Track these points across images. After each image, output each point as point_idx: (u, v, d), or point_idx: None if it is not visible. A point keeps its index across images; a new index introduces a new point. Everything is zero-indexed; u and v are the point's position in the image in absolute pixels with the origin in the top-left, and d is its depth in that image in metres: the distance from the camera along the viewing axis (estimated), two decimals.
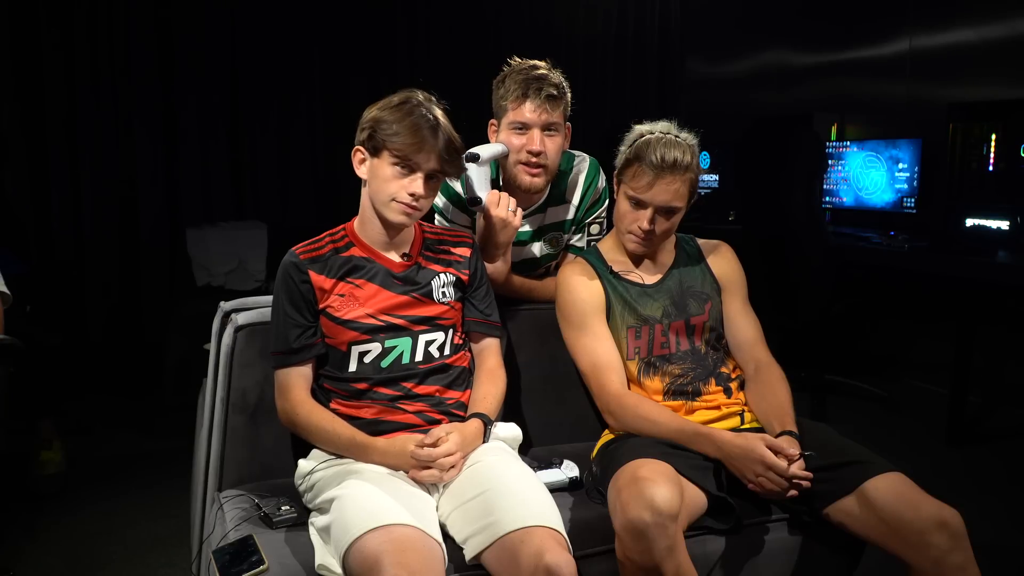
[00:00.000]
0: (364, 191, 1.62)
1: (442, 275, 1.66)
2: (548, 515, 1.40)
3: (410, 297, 1.62)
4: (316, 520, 1.47)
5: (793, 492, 1.52)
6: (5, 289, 1.90)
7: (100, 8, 3.83)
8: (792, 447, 1.54)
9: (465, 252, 1.71)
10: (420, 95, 1.58)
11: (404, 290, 1.62)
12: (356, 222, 1.66)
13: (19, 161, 3.75)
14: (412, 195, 1.53)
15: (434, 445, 1.47)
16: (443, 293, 1.65)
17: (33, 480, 2.73)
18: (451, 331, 1.65)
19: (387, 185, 1.54)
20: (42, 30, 3.73)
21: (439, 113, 1.57)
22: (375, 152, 1.55)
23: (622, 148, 1.74)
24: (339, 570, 1.34)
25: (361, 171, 1.60)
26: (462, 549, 1.42)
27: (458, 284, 1.68)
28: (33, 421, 2.83)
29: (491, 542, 1.36)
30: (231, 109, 4.22)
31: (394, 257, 1.64)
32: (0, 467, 2.73)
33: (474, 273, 1.71)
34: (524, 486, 1.46)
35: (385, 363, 1.59)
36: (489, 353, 1.72)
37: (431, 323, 1.63)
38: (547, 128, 1.84)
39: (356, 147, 1.59)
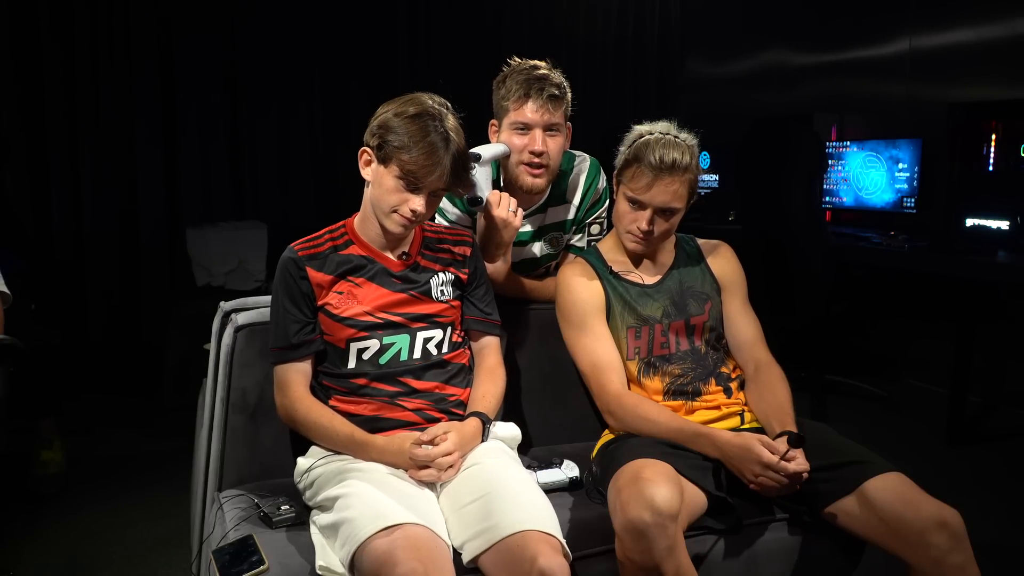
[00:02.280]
0: (367, 191, 1.61)
1: (441, 274, 1.66)
2: (543, 518, 1.39)
3: (408, 295, 1.62)
4: (318, 518, 1.47)
5: (796, 487, 1.52)
6: (5, 289, 1.90)
7: (100, 8, 3.83)
8: (786, 446, 1.53)
9: (465, 251, 1.71)
10: (435, 105, 1.54)
11: (402, 288, 1.62)
12: (357, 220, 1.66)
13: (19, 161, 3.76)
14: (413, 211, 1.53)
15: (432, 443, 1.47)
16: (442, 291, 1.65)
17: (34, 480, 2.73)
18: (450, 329, 1.66)
19: (390, 196, 1.53)
20: (42, 30, 3.74)
21: (452, 128, 1.53)
22: (383, 160, 1.53)
23: (621, 148, 1.74)
24: (341, 570, 1.34)
25: (366, 172, 1.59)
26: (459, 552, 1.42)
27: (457, 283, 1.68)
28: (34, 421, 2.82)
29: (488, 546, 1.36)
30: (231, 109, 4.22)
31: (393, 256, 1.64)
32: (0, 467, 2.73)
33: (473, 272, 1.71)
34: (520, 489, 1.46)
35: (384, 360, 1.59)
36: (489, 352, 1.72)
37: (429, 320, 1.63)
38: (549, 128, 1.84)
39: (364, 148, 1.58)
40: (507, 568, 1.33)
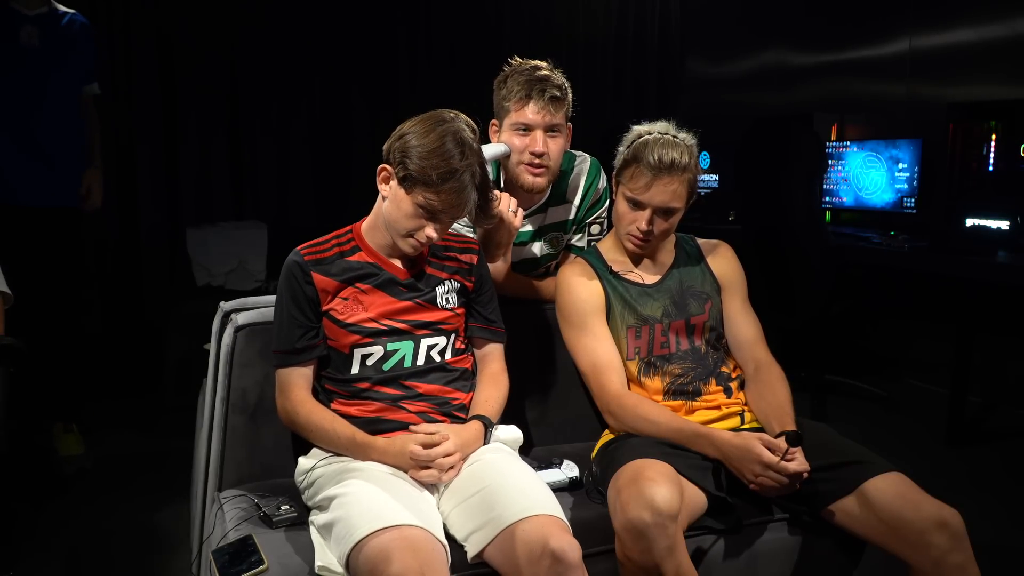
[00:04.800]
0: (381, 203, 1.59)
1: (447, 282, 1.66)
2: (549, 504, 1.41)
3: (413, 302, 1.61)
4: (316, 518, 1.47)
5: (796, 486, 1.52)
6: (6, 289, 1.89)
7: (100, 8, 3.83)
8: (785, 445, 1.53)
9: (471, 259, 1.70)
10: (461, 130, 1.50)
11: (408, 296, 1.61)
12: (365, 226, 1.65)
13: None
14: (429, 237, 1.53)
15: (430, 441, 1.47)
16: (446, 299, 1.65)
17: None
18: (453, 336, 1.66)
19: (407, 221, 1.52)
20: None
21: (479, 160, 1.51)
22: (405, 187, 1.50)
23: (620, 149, 1.74)
24: (340, 569, 1.34)
25: (383, 189, 1.57)
26: (462, 548, 1.42)
27: (462, 291, 1.68)
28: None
29: (494, 535, 1.37)
30: (231, 109, 4.22)
31: (399, 264, 1.63)
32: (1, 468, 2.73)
33: (479, 280, 1.71)
34: (523, 479, 1.47)
35: (387, 366, 1.59)
36: (492, 358, 1.72)
37: (433, 327, 1.62)
38: (550, 129, 1.84)
39: (384, 166, 1.55)
40: (516, 555, 1.33)
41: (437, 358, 1.63)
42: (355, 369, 1.59)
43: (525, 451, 1.81)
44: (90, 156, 2.94)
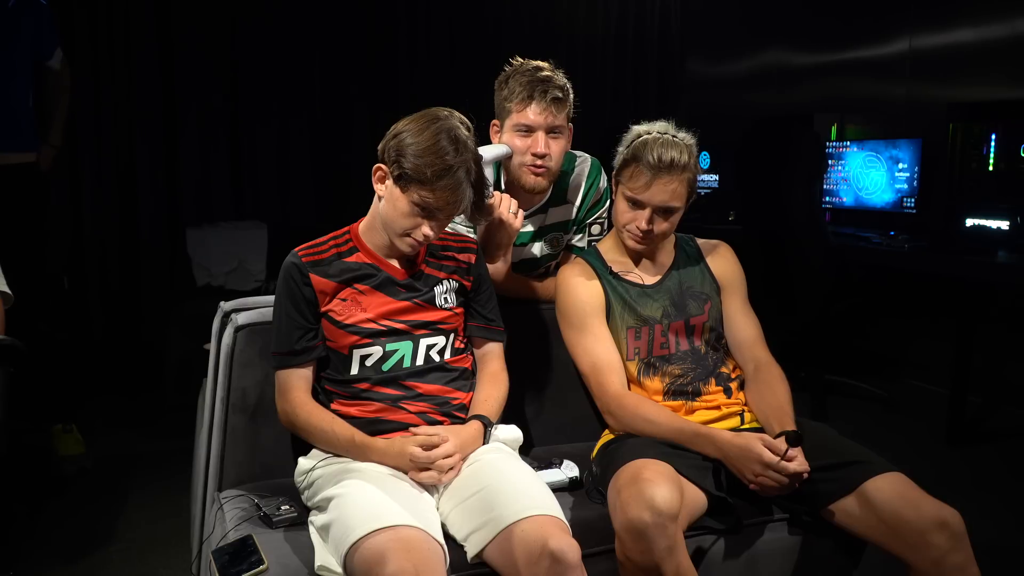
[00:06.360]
0: (377, 203, 1.59)
1: (445, 281, 1.66)
2: (548, 504, 1.41)
3: (412, 303, 1.61)
4: (315, 519, 1.47)
5: (795, 486, 1.52)
6: (6, 288, 1.89)
7: (100, 8, 3.84)
8: (785, 445, 1.53)
9: (470, 258, 1.70)
10: (456, 127, 1.50)
11: (406, 296, 1.61)
12: (363, 227, 1.65)
13: None
14: (426, 236, 1.53)
15: (430, 443, 1.47)
16: (445, 299, 1.65)
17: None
18: (452, 336, 1.65)
19: (403, 220, 1.52)
20: None
21: (474, 157, 1.51)
22: (400, 186, 1.50)
23: (620, 148, 1.74)
24: (339, 570, 1.34)
25: (379, 188, 1.57)
26: (463, 548, 1.42)
27: (461, 290, 1.68)
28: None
29: (493, 536, 1.37)
30: (231, 109, 4.22)
31: (397, 264, 1.63)
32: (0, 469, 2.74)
33: (477, 279, 1.71)
34: (522, 479, 1.47)
35: (386, 366, 1.59)
36: (492, 357, 1.72)
37: (432, 327, 1.62)
38: (551, 131, 1.83)
39: (379, 165, 1.55)
40: (515, 556, 1.33)
41: (436, 358, 1.63)
42: (354, 370, 1.59)
43: (525, 451, 1.81)
44: (48, 132, 2.97)
